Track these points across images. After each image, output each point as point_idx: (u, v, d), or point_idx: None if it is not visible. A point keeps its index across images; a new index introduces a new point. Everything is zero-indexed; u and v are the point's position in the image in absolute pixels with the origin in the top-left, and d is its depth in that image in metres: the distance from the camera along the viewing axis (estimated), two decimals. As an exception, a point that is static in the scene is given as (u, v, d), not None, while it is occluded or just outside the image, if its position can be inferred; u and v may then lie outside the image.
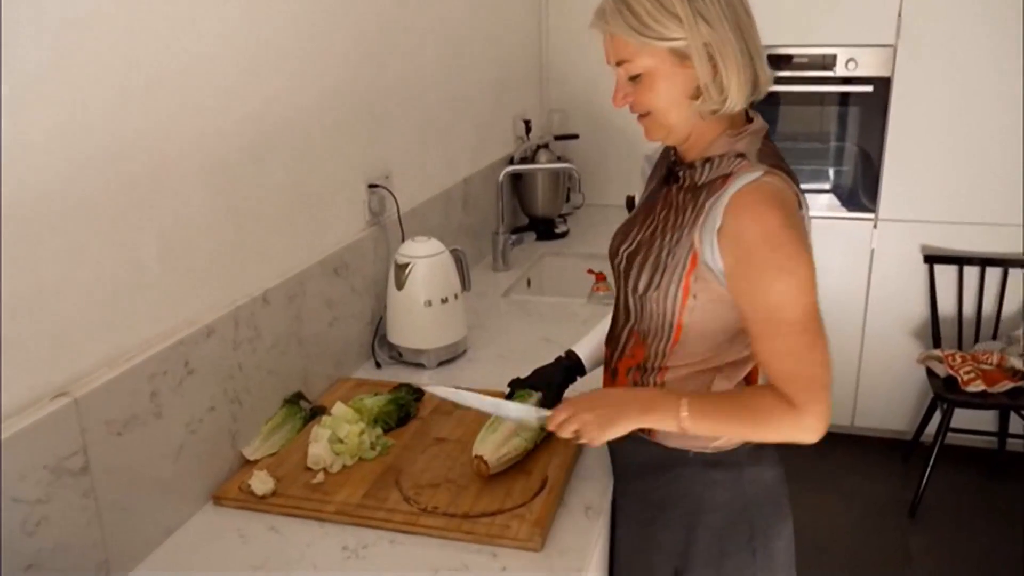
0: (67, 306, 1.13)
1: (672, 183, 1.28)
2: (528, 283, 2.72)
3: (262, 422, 1.55)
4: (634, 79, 1.19)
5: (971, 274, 3.27)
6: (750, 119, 1.25)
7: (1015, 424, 3.34)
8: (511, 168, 2.73)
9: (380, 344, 1.97)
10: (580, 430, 1.22)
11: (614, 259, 1.35)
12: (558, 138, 3.34)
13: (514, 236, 2.72)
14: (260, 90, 1.52)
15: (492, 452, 1.40)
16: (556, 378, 1.52)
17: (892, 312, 3.39)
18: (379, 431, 1.56)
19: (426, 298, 1.86)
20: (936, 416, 3.30)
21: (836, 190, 3.41)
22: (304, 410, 1.63)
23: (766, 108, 2.06)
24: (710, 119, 1.20)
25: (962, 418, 3.26)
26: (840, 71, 3.22)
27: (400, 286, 1.87)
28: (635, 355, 1.32)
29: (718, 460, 1.30)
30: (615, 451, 1.44)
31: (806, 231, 1.17)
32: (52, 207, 1.09)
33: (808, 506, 3.10)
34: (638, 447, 1.25)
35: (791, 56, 3.24)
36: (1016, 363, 2.99)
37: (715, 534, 1.30)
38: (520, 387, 1.53)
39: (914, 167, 3.23)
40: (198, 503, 1.39)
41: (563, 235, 3.05)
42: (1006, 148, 3.13)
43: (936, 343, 3.26)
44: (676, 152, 1.29)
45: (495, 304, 2.37)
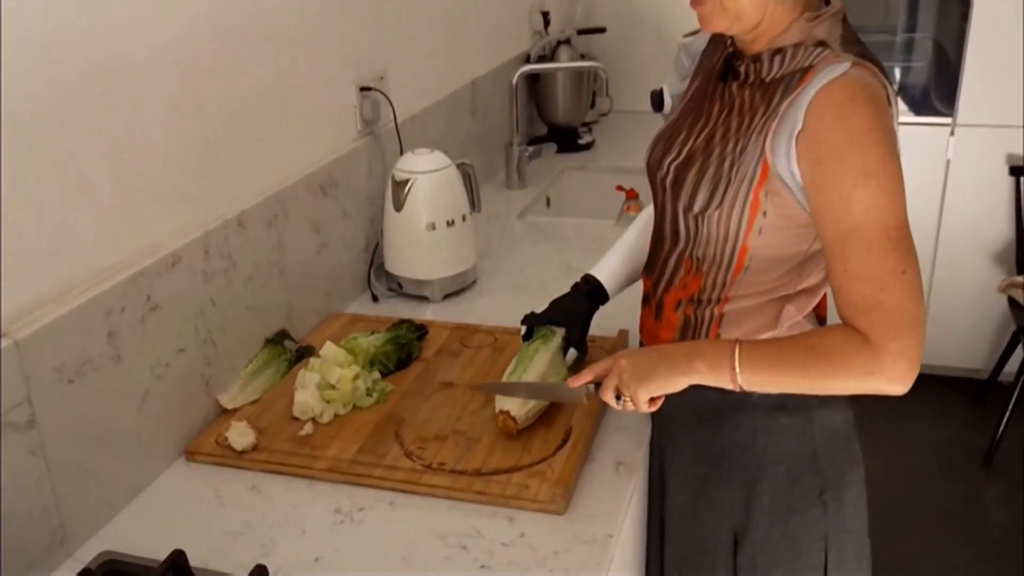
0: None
1: (732, 79, 1.24)
2: (547, 202, 2.72)
3: (240, 366, 1.55)
4: None
5: (1063, 189, 3.23)
6: None
7: (1107, 361, 3.32)
8: (527, 68, 2.72)
9: (376, 275, 1.98)
10: (619, 387, 1.22)
11: (656, 172, 1.32)
12: (581, 32, 3.30)
13: (531, 148, 2.71)
14: (227, -28, 1.48)
15: (519, 406, 1.38)
16: (580, 309, 1.51)
17: (970, 233, 3.36)
18: (376, 375, 1.56)
19: (429, 220, 1.86)
20: (1017, 353, 3.28)
21: (906, 91, 3.37)
22: (289, 351, 1.63)
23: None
24: (786, 1, 1.16)
25: (1047, 355, 3.25)
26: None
27: (399, 207, 1.86)
28: (687, 286, 1.30)
29: (783, 403, 1.28)
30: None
31: (896, 134, 1.14)
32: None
33: (870, 452, 3.09)
34: (689, 390, 1.23)
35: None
36: (1113, 291, 2.96)
37: (780, 488, 1.30)
38: (538, 323, 1.51)
39: (1000, 64, 3.15)
40: (168, 459, 1.39)
41: (588, 146, 3.04)
42: (1111, 39, 3.03)
43: (1020, 269, 3.23)
44: (734, 42, 1.26)
45: (509, 227, 2.37)
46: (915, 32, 3.29)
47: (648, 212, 1.50)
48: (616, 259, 1.53)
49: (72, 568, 1.14)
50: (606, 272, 1.53)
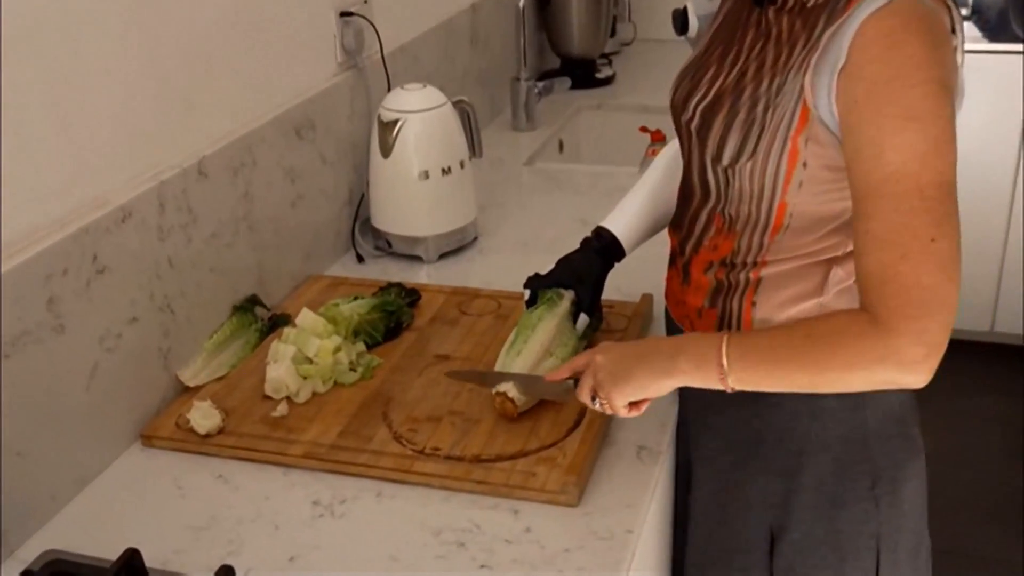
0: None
1: (768, 3, 1.22)
2: (560, 146, 2.72)
3: (203, 337, 1.56)
4: None
5: None
6: None
7: None
8: (536, -11, 2.73)
9: (362, 231, 1.98)
10: (596, 387, 1.22)
11: (680, 115, 1.31)
12: (600, -53, 3.28)
13: (541, 84, 2.69)
14: None
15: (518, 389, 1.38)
16: (591, 268, 1.51)
17: (1052, 178, 3.35)
18: (360, 347, 1.56)
19: (421, 168, 1.86)
20: (1101, 319, 3.30)
21: (979, 13, 3.33)
22: (260, 320, 1.64)
23: None
24: None
25: None
26: None
27: (386, 152, 1.86)
28: (718, 247, 1.30)
29: None
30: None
31: (956, 68, 1.11)
32: None
33: (932, 431, 3.09)
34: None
35: None
36: None
37: (825, 480, 1.30)
38: (543, 287, 1.51)
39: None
40: (121, 444, 1.40)
41: (607, 81, 3.04)
42: None
43: (1108, 222, 3.23)
44: None
45: (515, 175, 2.37)
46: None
47: (674, 148, 1.48)
48: (634, 207, 1.52)
49: (12, 569, 1.15)
50: (622, 223, 1.52)
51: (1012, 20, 3.26)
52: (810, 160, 1.16)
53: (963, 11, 3.25)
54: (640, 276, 1.56)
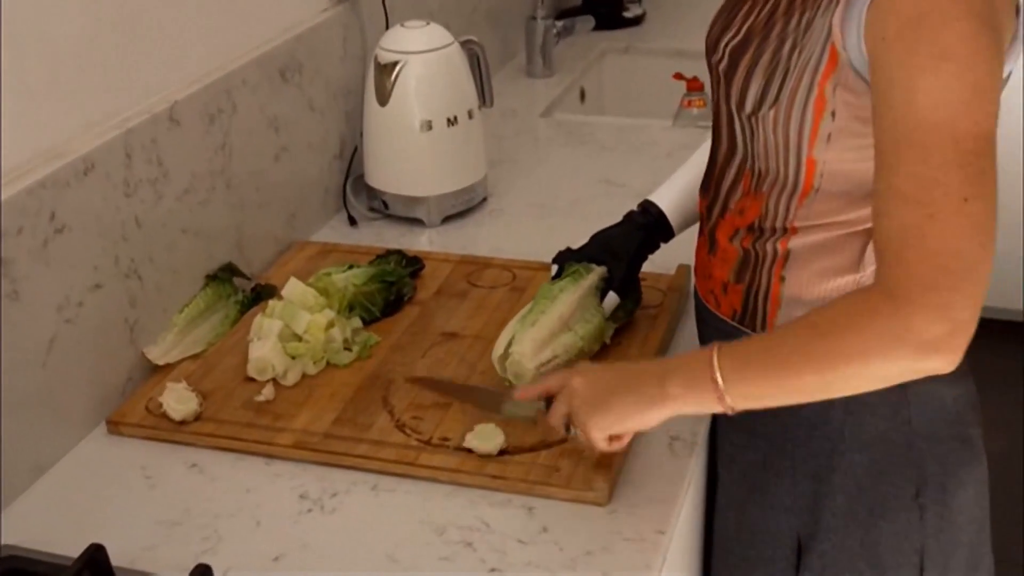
0: None
1: None
2: (582, 95, 2.71)
3: (175, 309, 1.56)
4: None
5: None
6: None
7: None
8: (556, -86, 2.72)
9: (354, 189, 1.98)
10: (571, 414, 1.22)
11: (711, 57, 1.31)
12: None
13: (561, 23, 2.69)
14: None
15: (530, 356, 1.38)
16: (629, 245, 1.51)
17: None
18: (356, 323, 1.57)
19: (424, 118, 1.85)
20: None
21: None
22: (240, 291, 1.65)
23: None
24: None
25: None
26: None
27: (384, 100, 1.86)
28: (744, 211, 1.30)
29: None
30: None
31: (1010, 8, 1.10)
32: None
33: (987, 425, 3.12)
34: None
35: None
36: None
37: (861, 484, 1.29)
38: (573, 260, 1.51)
39: None
40: (83, 429, 1.40)
41: (636, 21, 3.04)
42: None
43: None
44: None
45: (531, 127, 2.37)
46: None
47: None
48: (687, 182, 1.51)
49: (-39, 567, 1.16)
50: (671, 198, 1.52)
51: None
52: (840, 109, 1.16)
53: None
54: (675, 246, 1.56)
